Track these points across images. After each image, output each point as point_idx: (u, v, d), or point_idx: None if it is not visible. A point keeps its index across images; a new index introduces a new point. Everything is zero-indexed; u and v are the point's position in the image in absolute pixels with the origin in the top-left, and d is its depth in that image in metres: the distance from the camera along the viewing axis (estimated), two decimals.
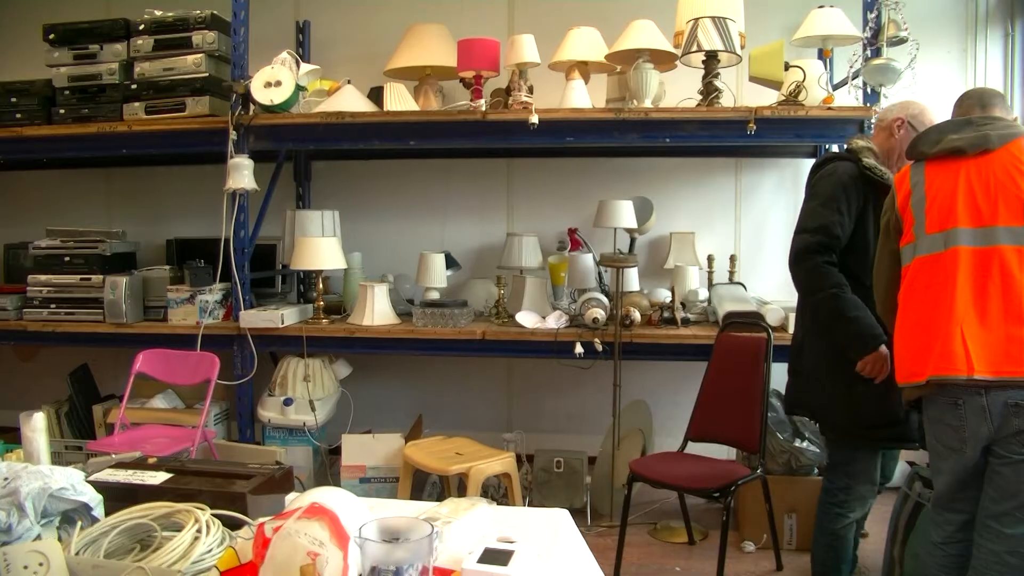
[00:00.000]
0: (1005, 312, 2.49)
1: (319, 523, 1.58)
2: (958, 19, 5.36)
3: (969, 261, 2.56)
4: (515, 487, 4.17)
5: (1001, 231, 2.53)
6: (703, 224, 5.49)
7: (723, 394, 4.13)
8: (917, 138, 2.84)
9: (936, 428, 2.70)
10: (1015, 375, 2.45)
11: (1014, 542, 2.56)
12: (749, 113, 4.28)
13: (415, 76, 5.01)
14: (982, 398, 2.50)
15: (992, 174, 2.58)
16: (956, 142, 2.66)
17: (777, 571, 4.13)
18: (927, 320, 2.63)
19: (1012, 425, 2.48)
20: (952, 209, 2.61)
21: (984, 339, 2.50)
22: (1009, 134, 2.61)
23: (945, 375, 2.55)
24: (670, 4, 4.60)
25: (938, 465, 2.75)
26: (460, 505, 2.05)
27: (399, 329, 4.68)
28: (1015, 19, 5.27)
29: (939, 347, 2.56)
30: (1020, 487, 2.53)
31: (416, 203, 5.69)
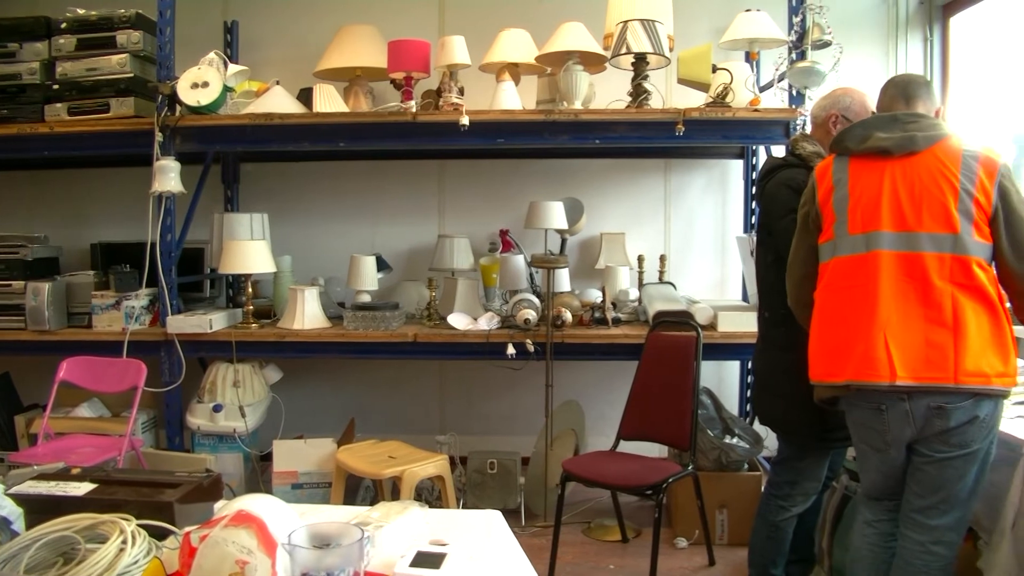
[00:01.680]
0: (926, 318, 2.52)
1: (247, 530, 1.56)
2: (880, 23, 5.49)
3: (891, 265, 2.58)
4: (449, 489, 4.16)
5: (923, 237, 2.55)
6: (633, 224, 5.54)
7: (654, 393, 4.17)
8: (843, 133, 2.83)
9: (861, 431, 2.75)
10: (936, 381, 2.49)
11: (938, 532, 2.63)
12: (678, 115, 4.32)
13: (345, 77, 4.98)
14: (905, 403, 2.55)
15: (917, 177, 2.59)
16: (883, 142, 2.65)
17: (709, 566, 4.18)
18: (847, 322, 2.66)
19: (935, 426, 2.53)
20: (876, 211, 2.62)
21: (906, 345, 2.53)
22: (935, 135, 2.62)
23: (867, 381, 2.58)
24: (600, 6, 4.64)
25: (865, 464, 2.82)
26: (392, 509, 2.04)
27: (330, 333, 4.64)
28: (933, 24, 5.42)
29: (860, 351, 2.59)
30: (942, 483, 2.59)
31: (347, 205, 5.65)
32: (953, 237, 2.52)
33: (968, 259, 2.51)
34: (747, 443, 4.45)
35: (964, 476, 2.57)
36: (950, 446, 2.54)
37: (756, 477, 4.37)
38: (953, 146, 2.59)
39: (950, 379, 2.47)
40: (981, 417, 2.51)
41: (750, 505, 3.75)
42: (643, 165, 5.58)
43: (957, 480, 2.57)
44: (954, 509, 2.61)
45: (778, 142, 4.54)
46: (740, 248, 5.15)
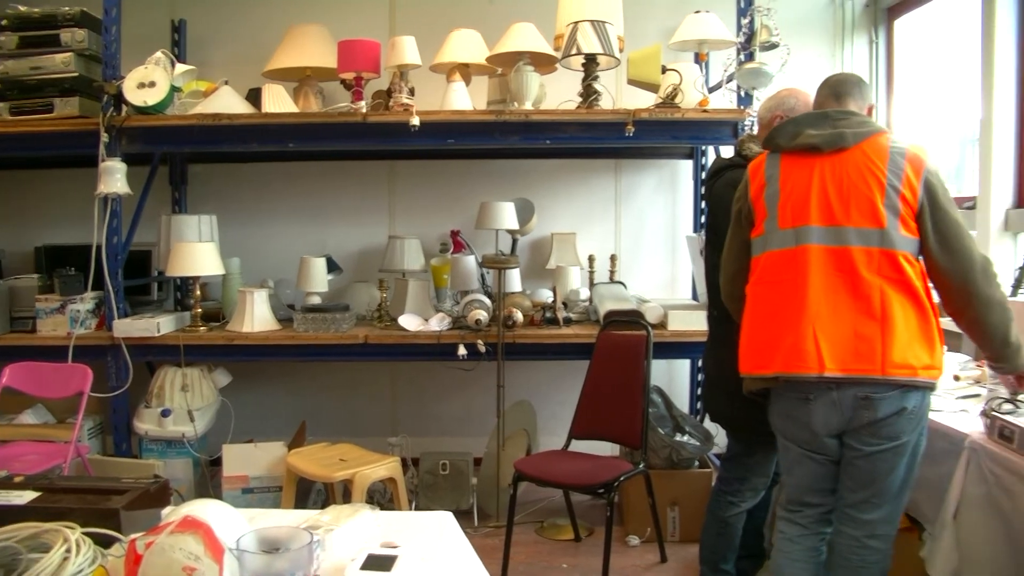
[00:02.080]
0: (854, 311, 2.56)
1: (193, 536, 1.54)
2: (826, 26, 5.57)
3: (820, 259, 2.61)
4: (401, 491, 4.15)
5: (851, 232, 2.58)
6: (584, 224, 5.56)
7: (605, 392, 4.19)
8: (775, 130, 2.86)
9: (786, 424, 2.78)
10: (864, 373, 2.53)
11: (872, 527, 2.67)
12: (627, 115, 4.35)
13: (294, 77, 4.94)
14: (833, 392, 2.59)
15: (846, 173, 2.62)
16: (812, 139, 2.69)
17: (661, 563, 4.21)
18: (777, 315, 2.69)
19: (863, 417, 2.57)
20: (805, 206, 2.66)
21: (835, 337, 2.56)
22: (864, 132, 2.66)
23: (796, 372, 2.62)
24: (550, 7, 4.65)
25: (791, 464, 2.84)
26: (343, 512, 2.03)
27: (280, 335, 4.61)
28: (878, 26, 5.51)
29: (789, 344, 2.63)
30: (874, 477, 2.63)
31: (297, 206, 5.61)
32: (880, 232, 2.55)
33: (895, 253, 2.54)
34: (697, 441, 4.49)
35: (895, 469, 2.61)
36: (880, 438, 2.58)
37: (707, 474, 4.41)
38: (881, 143, 2.63)
39: (878, 371, 2.51)
40: (909, 409, 2.55)
41: (701, 502, 3.79)
42: (594, 165, 5.61)
43: (888, 473, 2.61)
44: (886, 503, 2.65)
45: (726, 142, 4.59)
46: (690, 247, 5.19)
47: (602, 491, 3.72)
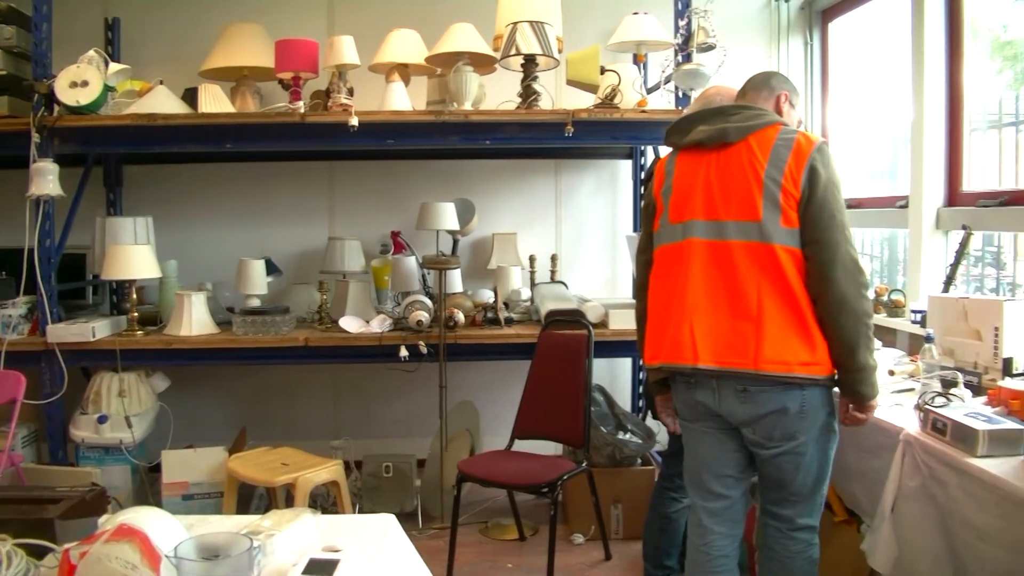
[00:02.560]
0: (731, 305, 2.57)
1: (129, 545, 1.52)
2: (763, 27, 5.65)
3: (702, 253, 2.64)
4: (344, 495, 4.12)
5: (730, 226, 2.60)
6: (525, 224, 5.58)
7: (547, 391, 4.21)
8: (670, 127, 2.89)
9: (682, 407, 2.81)
10: (737, 366, 2.55)
11: (791, 521, 2.72)
12: (567, 115, 4.36)
13: (231, 77, 4.88)
14: (713, 381, 2.63)
15: (728, 168, 2.64)
16: (699, 135, 2.71)
17: (606, 560, 4.24)
18: (665, 308, 2.74)
19: (748, 411, 2.59)
20: (691, 201, 2.68)
21: (710, 331, 2.59)
22: (750, 126, 2.65)
23: (674, 363, 2.68)
24: (489, 8, 4.65)
25: (690, 441, 2.85)
26: (284, 517, 2.01)
27: (219, 339, 4.55)
28: (813, 28, 5.61)
29: (671, 336, 2.68)
30: (782, 479, 2.67)
31: (235, 208, 5.54)
32: (757, 225, 2.55)
33: (773, 247, 2.53)
34: (639, 438, 4.53)
35: (800, 468, 2.63)
36: (775, 440, 2.60)
37: (649, 471, 4.45)
38: (769, 135, 2.62)
39: (750, 365, 2.52)
40: (794, 408, 2.55)
41: (644, 499, 3.82)
42: (534, 166, 5.62)
43: (795, 473, 2.64)
44: (801, 501, 2.69)
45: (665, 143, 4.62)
46: (629, 247, 5.22)
47: (546, 490, 3.73)
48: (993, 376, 3.17)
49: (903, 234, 4.56)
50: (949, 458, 2.57)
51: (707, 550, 2.80)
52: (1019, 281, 3.96)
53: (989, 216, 3.87)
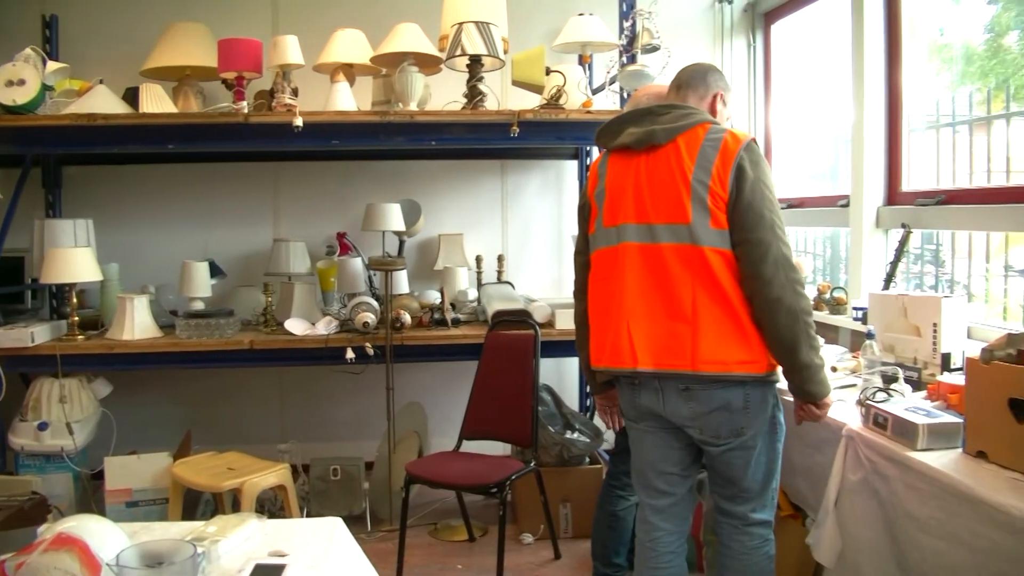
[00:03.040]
0: (666, 308, 2.58)
1: (68, 554, 1.48)
2: (707, 29, 5.71)
3: (636, 257, 2.65)
4: (291, 499, 4.08)
5: (661, 229, 2.60)
6: (471, 225, 5.57)
7: (494, 391, 4.21)
8: (601, 129, 2.88)
9: (627, 407, 2.83)
10: (675, 368, 2.57)
11: (744, 517, 2.75)
12: (512, 116, 4.36)
13: (174, 77, 4.80)
14: (655, 382, 2.65)
15: (657, 170, 2.63)
16: (627, 138, 2.71)
17: (555, 559, 4.25)
18: (604, 311, 2.75)
19: (692, 409, 2.62)
20: (623, 204, 2.69)
21: (648, 334, 2.61)
22: (681, 126, 2.64)
23: (615, 367, 2.70)
24: (435, 8, 4.63)
25: (635, 441, 2.87)
26: (229, 522, 1.99)
27: (162, 343, 4.48)
28: (756, 30, 5.69)
29: (610, 340, 2.70)
30: (734, 475, 2.70)
31: (178, 210, 5.45)
32: (687, 228, 2.55)
33: (702, 249, 2.54)
34: (587, 437, 4.55)
35: (750, 464, 2.67)
36: (724, 437, 2.63)
37: (597, 470, 4.47)
38: (697, 135, 2.61)
39: (688, 366, 2.54)
40: (737, 404, 2.59)
41: (592, 498, 3.83)
42: (480, 166, 5.62)
43: (745, 469, 2.67)
44: (753, 497, 2.73)
45: None
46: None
47: (494, 490, 3.74)
48: (932, 371, 3.24)
49: (845, 233, 4.64)
50: (890, 452, 2.62)
51: (654, 546, 2.83)
52: (958, 278, 4.04)
53: (927, 215, 3.95)
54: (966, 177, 3.92)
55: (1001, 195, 3.58)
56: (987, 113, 3.82)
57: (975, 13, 4.10)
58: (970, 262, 3.96)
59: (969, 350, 2.86)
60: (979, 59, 4.07)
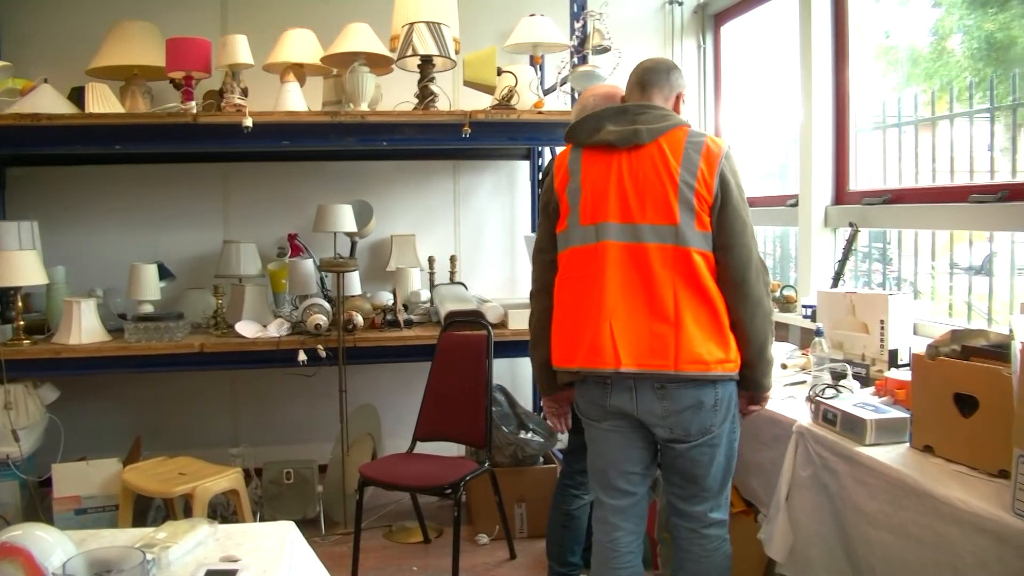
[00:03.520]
0: (649, 308, 2.59)
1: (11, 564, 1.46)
2: (657, 30, 5.76)
3: (618, 256, 2.64)
4: (244, 503, 4.04)
5: (646, 229, 2.61)
6: (423, 226, 5.56)
7: (448, 392, 4.21)
8: (575, 125, 2.85)
9: (589, 407, 2.80)
10: (658, 368, 2.57)
11: (703, 518, 2.76)
12: (464, 116, 4.36)
13: (121, 76, 4.73)
14: (630, 381, 2.64)
15: (641, 170, 2.64)
16: (610, 135, 2.69)
17: (511, 559, 4.26)
18: (579, 311, 2.70)
19: (665, 407, 2.63)
20: (604, 203, 2.67)
21: (630, 334, 2.60)
22: (660, 128, 2.66)
23: (594, 368, 2.65)
24: (386, 8, 4.62)
25: (596, 441, 2.85)
26: (179, 528, 1.97)
27: (110, 347, 4.41)
28: (705, 31, 5.74)
29: (589, 339, 2.65)
30: (695, 473, 2.71)
31: (126, 211, 5.37)
32: (674, 229, 2.58)
33: (688, 250, 2.58)
34: (541, 437, 4.56)
35: (713, 461, 2.69)
36: (693, 435, 2.64)
37: (551, 469, 4.48)
38: (678, 138, 2.65)
39: (670, 366, 2.56)
40: (708, 402, 2.62)
41: (547, 497, 3.84)
42: (432, 167, 5.61)
43: (708, 466, 2.69)
44: (712, 496, 2.75)
45: (561, 143, 4.63)
46: (528, 247, 5.25)
47: (449, 492, 3.73)
48: (880, 367, 3.29)
49: (794, 232, 4.69)
50: (839, 447, 2.66)
51: (613, 546, 2.83)
52: (905, 276, 4.11)
53: (874, 214, 4.02)
54: (912, 177, 3.99)
55: (945, 194, 3.66)
56: (932, 114, 3.90)
57: (920, 16, 4.18)
58: (916, 260, 4.03)
59: (915, 346, 2.90)
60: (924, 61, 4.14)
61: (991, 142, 3.56)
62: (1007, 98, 3.53)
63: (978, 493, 2.13)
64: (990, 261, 3.68)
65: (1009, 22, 3.63)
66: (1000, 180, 3.46)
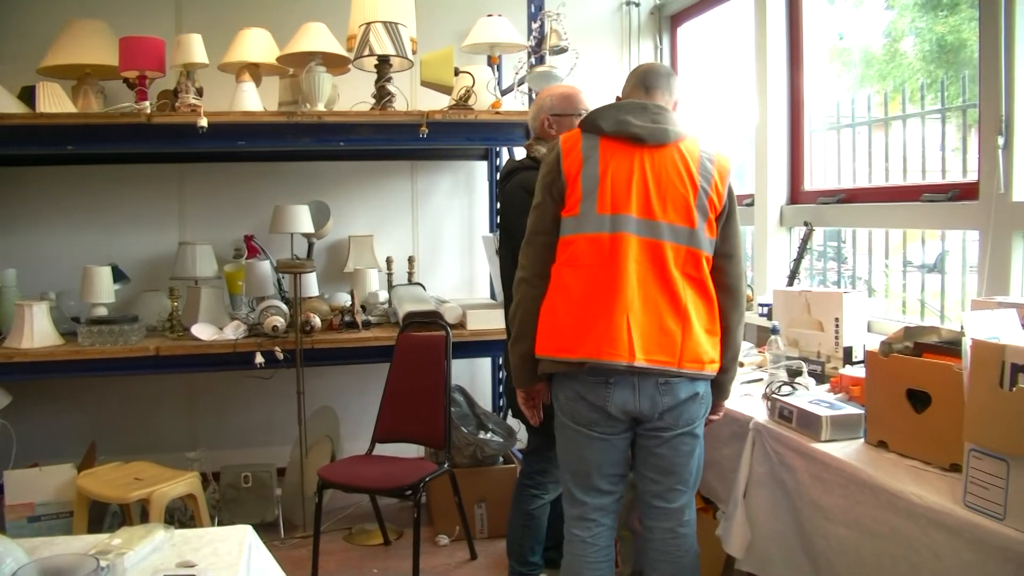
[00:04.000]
0: (662, 305, 2.62)
1: None
2: (614, 31, 5.79)
3: (636, 250, 2.63)
4: (201, 508, 4.00)
5: (664, 227, 2.64)
6: (381, 227, 5.54)
7: (407, 394, 4.20)
8: (596, 113, 2.80)
9: (576, 405, 2.74)
10: (664, 365, 2.60)
11: (680, 514, 2.79)
12: (421, 117, 4.35)
13: (73, 76, 4.64)
14: (634, 378, 2.63)
15: (664, 169, 2.65)
16: (636, 129, 2.67)
17: (471, 560, 4.26)
18: (588, 300, 2.65)
19: (664, 402, 2.65)
20: (626, 195, 2.65)
21: (645, 328, 2.60)
22: (680, 132, 2.71)
23: (606, 360, 2.60)
24: (343, 7, 4.59)
25: (577, 444, 2.81)
26: (135, 534, 1.95)
27: (64, 351, 4.34)
28: (662, 32, 5.79)
29: (601, 330, 2.61)
30: (675, 464, 2.73)
31: (79, 213, 5.28)
32: (690, 231, 2.64)
33: (699, 253, 2.66)
34: (501, 437, 4.56)
35: (692, 454, 2.74)
36: (679, 424, 2.68)
37: (511, 469, 4.49)
38: (694, 145, 2.72)
39: (675, 364, 2.61)
40: (700, 393, 2.71)
41: (507, 497, 3.83)
42: (389, 167, 5.59)
43: (689, 456, 2.73)
44: (688, 489, 2.78)
45: (519, 144, 4.67)
46: (486, 247, 5.26)
47: (408, 493, 3.73)
48: (835, 364, 3.33)
49: (750, 231, 4.73)
50: (796, 444, 2.69)
51: (594, 541, 2.84)
52: (859, 274, 4.17)
53: (829, 213, 4.07)
54: (865, 176, 4.04)
55: (898, 193, 3.71)
56: (885, 115, 3.95)
57: (873, 19, 4.23)
58: (870, 258, 4.08)
59: (870, 343, 2.94)
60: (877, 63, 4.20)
61: (942, 142, 3.62)
62: (957, 99, 3.59)
63: (931, 487, 2.17)
64: (942, 259, 3.73)
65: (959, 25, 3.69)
66: (951, 180, 3.52)
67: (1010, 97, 3.02)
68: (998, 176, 3.04)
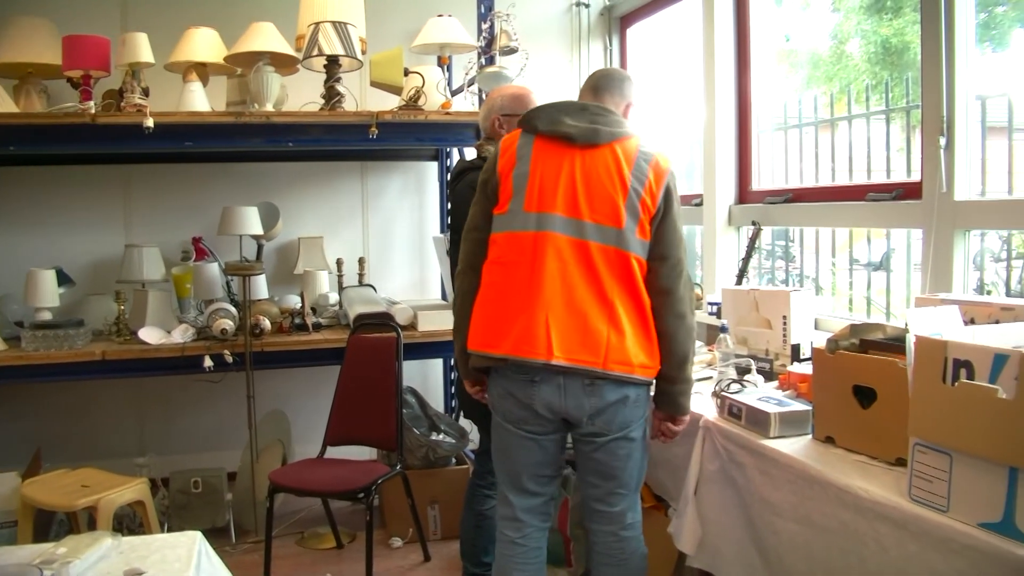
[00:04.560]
0: (586, 304, 2.60)
1: None
2: (564, 32, 5.81)
3: (560, 249, 2.63)
4: (150, 514, 3.94)
5: (590, 227, 2.63)
6: (331, 228, 5.51)
7: (358, 396, 4.18)
8: (534, 112, 2.82)
9: (505, 402, 2.75)
10: (587, 364, 2.59)
11: (622, 518, 2.79)
12: (371, 117, 4.33)
13: (15, 74, 4.56)
14: (560, 377, 2.62)
15: (594, 169, 2.66)
16: (569, 128, 2.68)
17: (425, 562, 4.25)
18: (511, 297, 2.67)
19: (591, 404, 2.63)
20: (552, 194, 2.66)
21: (565, 327, 2.59)
22: (617, 132, 2.70)
23: (524, 357, 2.61)
24: (291, 7, 4.56)
25: (506, 443, 2.81)
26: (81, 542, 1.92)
27: (7, 356, 4.25)
28: (612, 33, 5.82)
29: (521, 327, 2.62)
30: (614, 468, 2.73)
31: (22, 216, 5.18)
32: (617, 232, 2.62)
33: (628, 254, 2.62)
34: (453, 438, 4.56)
35: (631, 456, 2.72)
36: (614, 430, 2.67)
37: (463, 470, 4.49)
38: (631, 146, 2.69)
39: (600, 364, 2.58)
40: (631, 397, 2.66)
41: (460, 498, 3.84)
42: (339, 168, 5.56)
43: (626, 461, 2.72)
44: (629, 493, 2.78)
45: (469, 144, 4.68)
46: (437, 248, 5.25)
47: (361, 496, 3.71)
48: (783, 362, 3.37)
49: (699, 230, 4.78)
50: (745, 441, 2.72)
51: (524, 542, 2.84)
52: (807, 272, 4.22)
53: (776, 212, 4.12)
54: (812, 176, 4.10)
55: (844, 193, 3.77)
56: (831, 115, 4.01)
57: (820, 21, 4.29)
58: (818, 257, 4.14)
59: (817, 341, 2.97)
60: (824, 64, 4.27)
61: (887, 142, 3.68)
62: (902, 100, 3.65)
63: (878, 481, 2.21)
64: (888, 257, 3.80)
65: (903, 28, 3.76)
66: (896, 179, 3.58)
67: (951, 99, 3.08)
68: (940, 176, 3.09)
